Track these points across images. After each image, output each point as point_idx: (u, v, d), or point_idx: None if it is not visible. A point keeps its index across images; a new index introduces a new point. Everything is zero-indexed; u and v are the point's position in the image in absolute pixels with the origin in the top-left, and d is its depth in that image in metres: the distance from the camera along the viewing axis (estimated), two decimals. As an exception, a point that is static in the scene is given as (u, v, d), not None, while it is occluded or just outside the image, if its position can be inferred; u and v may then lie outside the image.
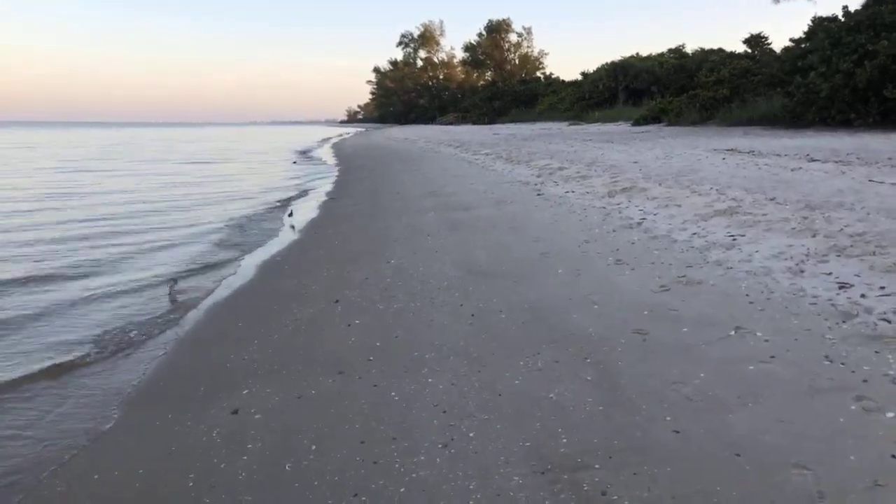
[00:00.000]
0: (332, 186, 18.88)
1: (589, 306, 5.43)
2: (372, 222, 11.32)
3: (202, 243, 10.58)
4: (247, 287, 7.54)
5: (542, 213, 10.43)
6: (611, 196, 11.08)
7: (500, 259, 7.53)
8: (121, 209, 14.79)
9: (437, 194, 14.37)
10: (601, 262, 6.93)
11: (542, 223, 9.54)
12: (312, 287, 7.08)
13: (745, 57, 41.87)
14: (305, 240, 10.36)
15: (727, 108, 33.60)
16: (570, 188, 12.74)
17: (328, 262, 8.25)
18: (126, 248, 10.15)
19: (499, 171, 17.87)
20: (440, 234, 9.43)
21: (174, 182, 21.91)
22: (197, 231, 11.82)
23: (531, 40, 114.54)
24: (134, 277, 8.26)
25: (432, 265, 7.53)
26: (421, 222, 10.72)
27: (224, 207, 15.09)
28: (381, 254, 8.45)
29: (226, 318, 6.30)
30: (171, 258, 9.42)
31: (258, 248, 9.97)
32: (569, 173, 14.84)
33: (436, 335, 5.10)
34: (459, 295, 6.19)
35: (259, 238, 10.96)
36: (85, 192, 18.67)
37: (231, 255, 9.56)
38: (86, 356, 5.42)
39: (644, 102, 48.62)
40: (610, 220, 9.17)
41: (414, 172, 20.42)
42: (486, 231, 9.37)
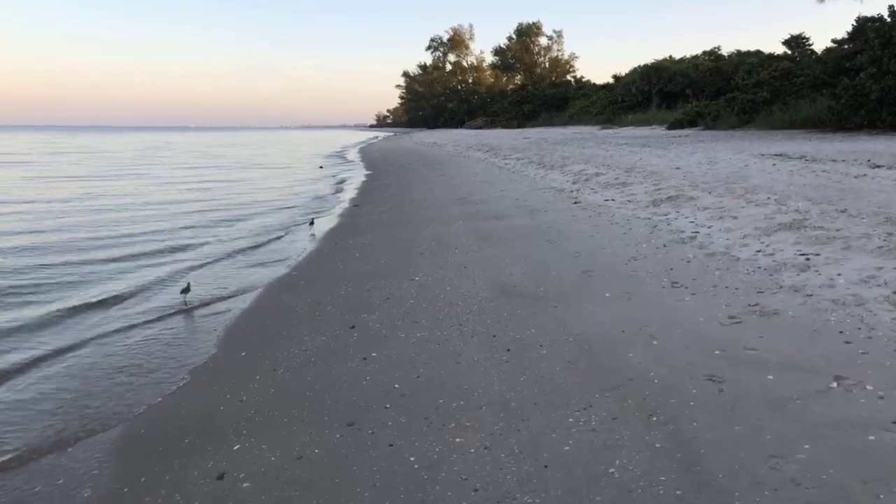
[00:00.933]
0: (357, 192, 18.22)
1: (646, 341, 4.59)
2: (396, 232, 10.58)
3: (218, 255, 9.95)
4: (256, 307, 6.84)
5: (580, 223, 9.58)
6: (655, 205, 10.18)
7: (537, 277, 6.71)
8: (123, 215, 14.33)
9: (465, 201, 13.60)
10: (654, 283, 6.07)
11: (581, 235, 8.69)
12: (328, 308, 6.35)
13: (785, 58, 40.42)
14: (325, 251, 9.65)
15: (767, 112, 32.30)
16: (610, 196, 11.85)
17: (347, 278, 7.52)
18: (131, 253, 9.59)
19: (531, 177, 17.02)
20: (469, 247, 8.65)
21: (199, 188, 21.49)
22: (215, 241, 11.21)
23: (562, 43, 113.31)
24: (135, 285, 7.65)
25: (461, 284, 6.74)
26: (448, 233, 9.95)
27: (244, 214, 14.51)
28: (405, 269, 7.70)
29: (229, 345, 5.59)
30: (184, 269, 8.80)
31: (274, 261, 9.28)
32: (606, 179, 13.94)
33: (465, 376, 4.31)
34: (492, 322, 5.39)
35: (277, 249, 10.29)
36: (117, 199, 18.32)
37: (246, 268, 8.91)
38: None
39: (678, 106, 47.37)
40: (658, 233, 8.29)
41: (442, 178, 19.68)
42: (519, 244, 8.56)
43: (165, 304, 7.18)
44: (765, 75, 36.71)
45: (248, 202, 16.89)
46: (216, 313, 6.72)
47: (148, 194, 19.21)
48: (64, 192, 19.09)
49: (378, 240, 10.08)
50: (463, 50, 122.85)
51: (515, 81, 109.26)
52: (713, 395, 3.65)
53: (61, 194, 18.57)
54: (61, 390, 4.81)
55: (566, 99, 74.33)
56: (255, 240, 10.97)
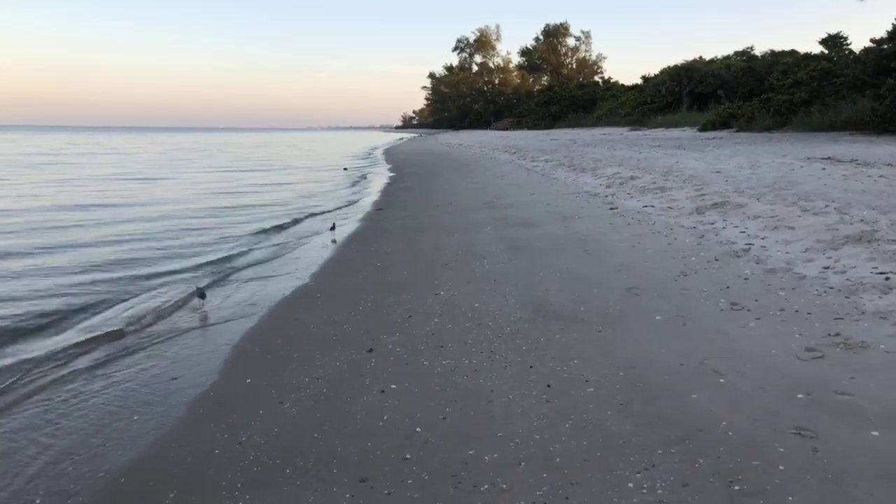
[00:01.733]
0: (380, 195, 17.66)
1: (712, 379, 3.92)
2: (420, 239, 9.97)
3: (235, 265, 9.45)
4: (269, 324, 6.27)
5: (619, 232, 8.89)
6: (700, 212, 9.44)
7: (576, 294, 6.05)
8: (130, 227, 13.93)
9: (493, 206, 12.96)
10: (710, 305, 5.38)
11: (621, 246, 8.00)
12: (344, 326, 5.76)
13: (822, 58, 39.08)
14: (345, 260, 9.08)
15: (805, 113, 31.13)
16: (649, 201, 11.11)
17: (367, 291, 6.93)
18: (143, 257, 9.12)
19: (561, 181, 16.32)
20: (499, 257, 8.01)
21: (220, 190, 21.16)
22: (232, 248, 10.72)
23: (589, 44, 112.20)
24: (146, 298, 7.15)
25: (491, 300, 6.11)
26: (476, 241, 9.32)
27: (262, 217, 14.03)
28: (429, 282, 7.09)
29: (234, 370, 5.02)
30: (199, 277, 8.30)
31: (292, 270, 8.73)
32: (643, 183, 13.19)
33: (499, 419, 3.68)
34: (528, 348, 4.75)
35: (295, 256, 9.74)
36: (135, 201, 18.02)
37: (263, 278, 8.37)
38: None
39: (710, 107, 46.18)
40: (706, 244, 7.56)
41: (468, 181, 19.06)
42: (554, 254, 7.90)
43: (175, 323, 6.65)
44: (802, 75, 35.53)
45: (267, 205, 16.42)
46: (226, 330, 6.16)
47: (166, 197, 18.89)
48: (78, 197, 18.85)
49: (401, 247, 9.49)
50: (489, 51, 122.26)
51: (542, 82, 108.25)
52: (807, 458, 2.97)
53: (71, 199, 18.33)
54: (47, 433, 4.27)
55: (594, 100, 73.20)
56: (273, 249, 10.42)
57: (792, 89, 34.52)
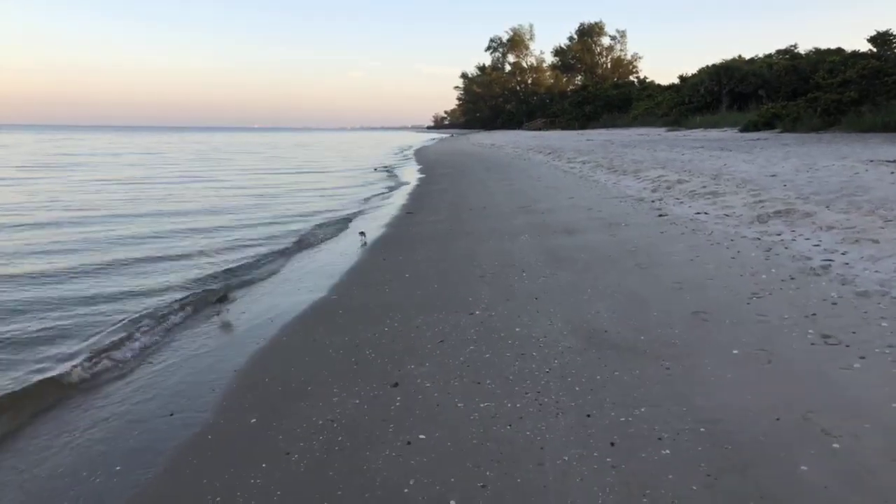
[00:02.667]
0: (411, 198, 16.97)
1: (821, 443, 3.11)
2: (452, 247, 9.25)
3: (257, 275, 8.86)
4: (283, 344, 5.60)
5: (672, 242, 8.04)
6: (762, 221, 8.54)
7: (633, 319, 5.26)
8: (134, 230, 13.46)
9: (530, 210, 12.18)
10: (796, 336, 4.55)
11: (677, 259, 7.17)
12: (367, 352, 5.06)
13: (871, 56, 37.38)
14: (371, 270, 8.39)
15: (856, 113, 29.67)
16: (701, 208, 10.22)
17: (393, 309, 6.23)
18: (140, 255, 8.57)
19: (601, 183, 15.44)
20: (539, 270, 7.24)
21: (250, 191, 20.76)
22: (254, 255, 10.13)
23: (625, 44, 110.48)
24: (155, 308, 6.57)
25: (534, 323, 5.36)
26: (513, 250, 8.57)
27: (287, 219, 13.47)
28: (463, 298, 6.36)
29: (237, 405, 4.35)
30: (221, 285, 7.71)
31: (312, 281, 8.08)
32: (691, 187, 12.27)
33: (553, 491, 2.93)
34: (582, 388, 4.00)
35: (318, 264, 9.10)
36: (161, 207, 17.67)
37: (283, 287, 7.74)
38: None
39: (750, 107, 44.64)
40: (777, 259, 6.69)
41: (502, 182, 18.27)
42: (601, 268, 7.10)
43: (186, 339, 6.04)
44: (851, 74, 33.94)
45: (295, 207, 15.86)
46: (236, 351, 5.52)
47: (194, 198, 18.51)
48: (111, 196, 18.56)
49: (431, 256, 8.78)
50: (522, 50, 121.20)
51: (576, 82, 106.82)
52: None
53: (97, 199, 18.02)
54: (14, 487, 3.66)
55: (629, 100, 71.73)
56: (295, 256, 9.80)
57: (840, 88, 33.02)
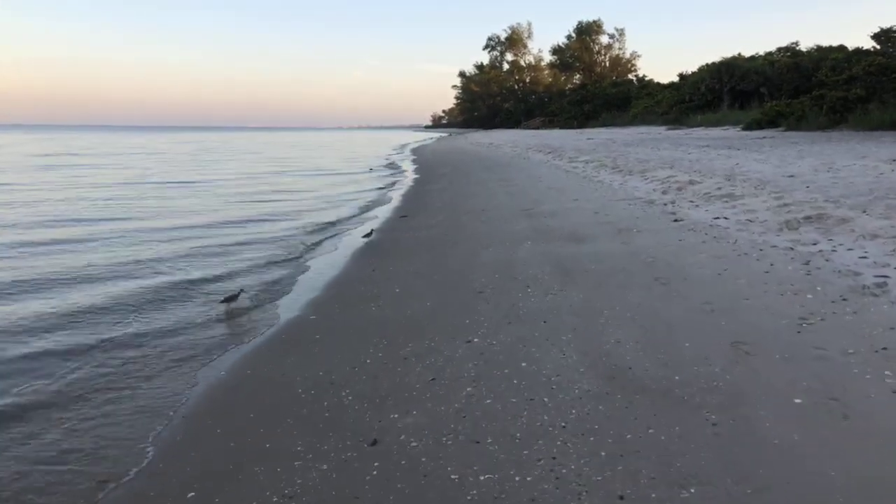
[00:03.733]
0: (406, 200, 16.07)
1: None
2: (448, 255, 8.38)
3: (228, 288, 7.99)
4: (242, 380, 4.72)
5: (693, 252, 7.18)
6: (791, 228, 7.68)
7: (662, 351, 4.39)
8: (118, 254, 12.57)
9: (532, 214, 11.31)
10: (872, 379, 3.68)
11: (703, 273, 6.30)
12: (343, 393, 4.19)
13: (877, 53, 36.60)
14: (357, 282, 7.51)
15: (863, 111, 28.89)
16: (719, 212, 9.36)
17: (379, 332, 5.36)
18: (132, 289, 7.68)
19: (607, 184, 14.57)
20: (546, 285, 6.38)
21: (238, 194, 19.87)
22: (231, 260, 9.25)
23: (623, 42, 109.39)
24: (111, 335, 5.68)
25: (544, 357, 4.49)
26: (515, 259, 7.70)
27: (271, 225, 12.59)
28: (459, 319, 5.50)
29: (168, 468, 3.48)
30: (182, 312, 6.83)
31: (290, 294, 7.21)
32: (705, 189, 11.41)
33: None
34: (609, 453, 3.13)
35: (299, 278, 8.20)
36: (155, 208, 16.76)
37: (256, 302, 6.86)
38: None
39: (752, 105, 43.81)
40: (820, 274, 5.83)
41: (502, 183, 17.38)
42: (616, 282, 6.23)
43: (125, 383, 5.16)
44: (857, 71, 33.13)
45: (281, 212, 14.92)
46: (183, 383, 4.65)
47: (174, 203, 17.61)
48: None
49: (425, 266, 7.91)
50: (521, 49, 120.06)
51: (574, 81, 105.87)
52: None
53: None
54: None
55: (628, 98, 70.87)
56: (278, 265, 8.90)
57: (846, 86, 32.22)
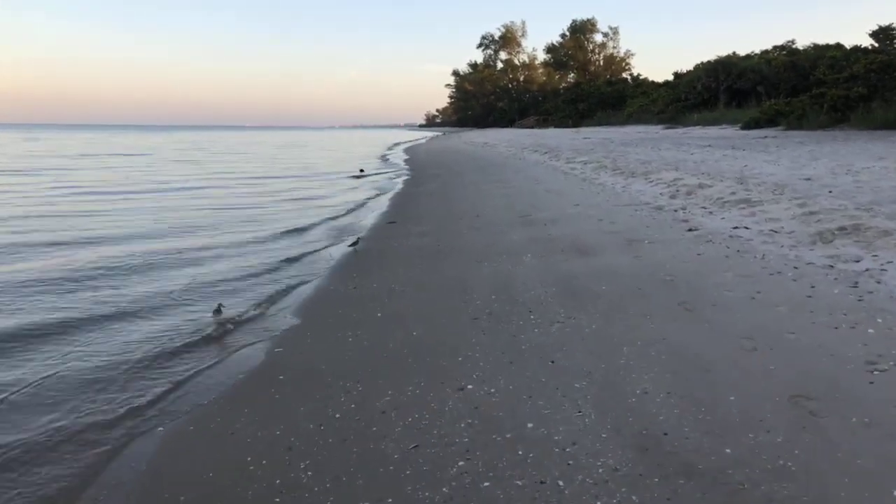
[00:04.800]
0: (394, 205, 15.12)
1: None
2: (439, 271, 7.48)
3: (184, 318, 7.06)
4: (182, 446, 3.81)
5: (717, 269, 6.30)
6: (825, 241, 6.81)
7: (703, 408, 3.50)
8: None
9: (530, 220, 10.43)
10: None
11: (733, 297, 5.42)
12: (301, 465, 3.29)
13: (877, 51, 35.98)
14: (335, 306, 6.57)
15: (865, 110, 28.21)
16: (737, 220, 8.49)
17: (355, 373, 4.46)
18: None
19: (609, 187, 13.69)
20: (551, 311, 5.48)
21: (213, 199, 18.89)
22: (186, 274, 8.31)
23: (617, 41, 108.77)
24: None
25: (555, 413, 3.60)
26: (514, 277, 6.81)
27: (247, 237, 11.65)
28: (450, 357, 4.60)
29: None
30: (154, 328, 5.90)
31: (260, 322, 6.29)
32: (717, 193, 10.55)
33: None
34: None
35: (267, 294, 7.26)
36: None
37: (216, 337, 5.94)
38: None
39: (749, 104, 43.15)
40: (874, 300, 4.95)
41: (497, 185, 16.48)
42: (634, 308, 5.34)
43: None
44: (858, 69, 32.43)
45: (261, 218, 13.96)
46: (107, 460, 3.74)
47: (144, 207, 16.63)
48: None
49: (413, 284, 7.00)
50: (515, 47, 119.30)
51: (568, 80, 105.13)
52: None
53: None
54: None
55: (623, 97, 70.15)
56: (247, 284, 7.97)
57: (847, 84, 31.53)
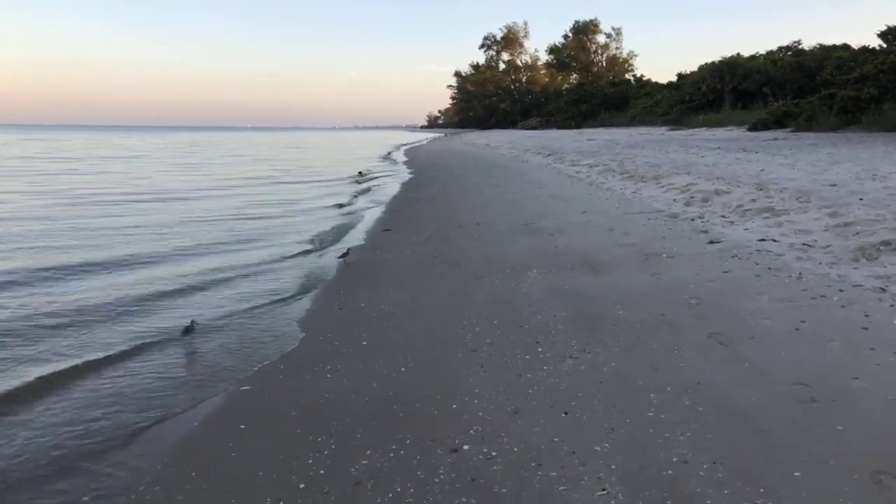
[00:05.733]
0: (391, 210, 14.34)
1: None
2: (434, 290, 6.73)
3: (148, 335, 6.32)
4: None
5: (748, 292, 5.54)
6: (869, 258, 6.06)
7: (763, 493, 2.76)
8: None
9: (535, 229, 9.68)
10: None
11: (773, 328, 4.66)
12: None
13: (887, 52, 35.19)
14: (317, 332, 5.82)
15: (877, 111, 27.50)
16: (763, 231, 7.73)
17: (324, 428, 3.71)
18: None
19: (618, 193, 12.94)
20: (562, 342, 4.73)
21: (201, 211, 18.12)
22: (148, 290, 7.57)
23: (620, 41, 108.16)
24: None
25: (573, 490, 2.85)
26: (518, 298, 6.06)
27: (224, 246, 10.91)
28: (444, 404, 3.85)
29: None
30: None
31: (232, 353, 5.54)
32: (736, 200, 9.79)
33: None
34: None
35: (248, 322, 6.53)
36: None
37: (173, 371, 5.19)
38: None
39: (754, 106, 42.44)
40: (946, 334, 4.21)
41: (498, 190, 15.72)
42: (658, 342, 4.59)
43: None
44: (869, 69, 31.70)
45: (244, 228, 13.22)
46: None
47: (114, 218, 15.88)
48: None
49: (404, 304, 6.25)
50: (517, 48, 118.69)
51: (571, 81, 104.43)
52: None
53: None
54: None
55: (626, 98, 69.45)
56: (222, 302, 7.24)
57: (857, 85, 30.80)
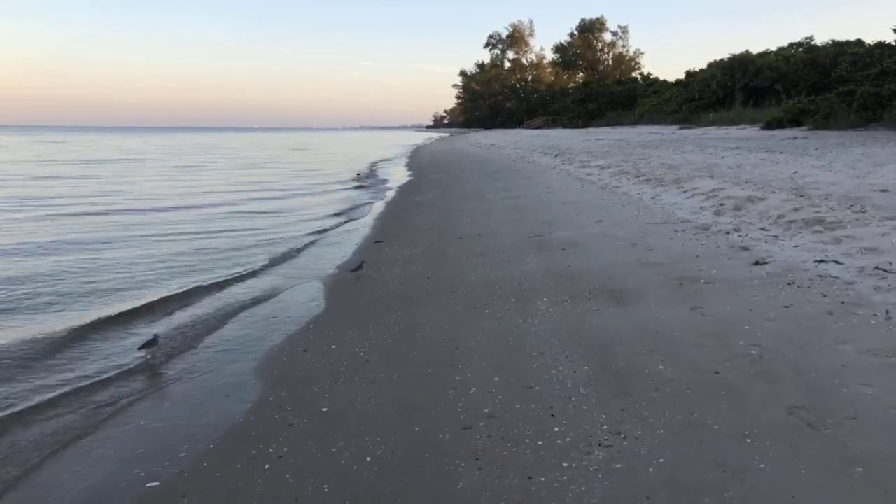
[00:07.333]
0: (386, 216, 13.11)
1: None
2: (420, 325, 5.51)
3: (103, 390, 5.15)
4: None
5: (826, 339, 4.30)
6: (968, 288, 4.82)
7: None
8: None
9: (545, 243, 8.45)
10: None
11: (876, 401, 3.44)
12: None
13: (896, 48, 33.90)
14: (283, 382, 4.62)
15: (900, 108, 26.21)
16: (817, 248, 6.47)
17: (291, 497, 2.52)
18: None
19: (635, 198, 11.68)
20: (587, 417, 3.52)
21: (196, 222, 16.97)
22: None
23: (627, 39, 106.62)
24: None
25: None
26: (526, 341, 4.83)
27: (192, 267, 9.73)
28: (437, 484, 2.65)
29: None
30: None
31: (173, 411, 4.36)
32: (774, 209, 8.53)
33: None
34: None
35: (201, 367, 5.34)
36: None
37: (99, 452, 4.02)
38: None
39: (766, 103, 40.99)
40: None
41: (503, 195, 14.46)
42: (727, 432, 3.37)
43: None
44: (889, 65, 30.37)
45: (222, 245, 11.88)
46: None
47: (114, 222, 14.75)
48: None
49: (383, 350, 5.02)
50: (522, 47, 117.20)
51: (577, 79, 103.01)
52: None
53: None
54: None
55: (634, 97, 68.08)
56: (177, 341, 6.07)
57: (877, 81, 29.45)
